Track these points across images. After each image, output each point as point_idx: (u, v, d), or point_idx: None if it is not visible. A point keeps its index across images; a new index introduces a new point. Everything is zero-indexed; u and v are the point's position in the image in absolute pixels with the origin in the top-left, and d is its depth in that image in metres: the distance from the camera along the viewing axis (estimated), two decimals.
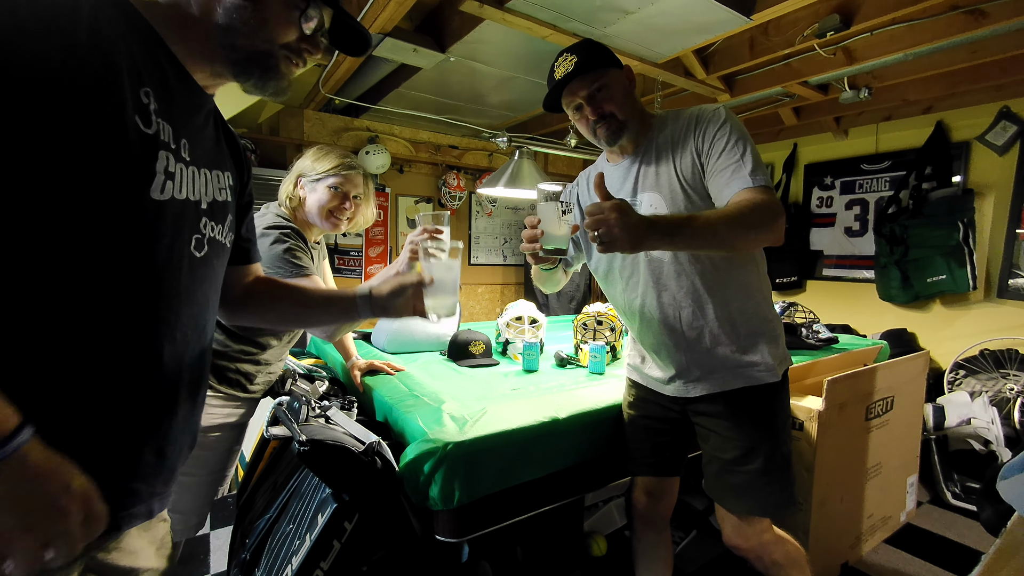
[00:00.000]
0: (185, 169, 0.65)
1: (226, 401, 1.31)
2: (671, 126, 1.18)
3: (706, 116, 1.12)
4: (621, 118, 1.17)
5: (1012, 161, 2.74)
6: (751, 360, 1.16)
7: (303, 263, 1.26)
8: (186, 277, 0.66)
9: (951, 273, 2.81)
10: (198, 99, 0.69)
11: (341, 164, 1.37)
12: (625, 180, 1.23)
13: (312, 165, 1.36)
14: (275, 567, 1.15)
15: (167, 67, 0.63)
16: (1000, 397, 2.56)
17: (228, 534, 1.98)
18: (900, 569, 1.90)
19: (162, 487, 0.68)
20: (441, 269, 0.96)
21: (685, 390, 1.23)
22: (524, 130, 3.70)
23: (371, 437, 1.15)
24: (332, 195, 1.35)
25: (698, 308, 1.16)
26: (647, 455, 1.33)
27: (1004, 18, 1.89)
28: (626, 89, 1.18)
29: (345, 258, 3.62)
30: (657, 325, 1.22)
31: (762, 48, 2.30)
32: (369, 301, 0.95)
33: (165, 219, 0.61)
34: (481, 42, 2.20)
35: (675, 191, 1.13)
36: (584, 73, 1.15)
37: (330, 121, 3.43)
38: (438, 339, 2.06)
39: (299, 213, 1.38)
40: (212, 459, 1.32)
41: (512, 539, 1.52)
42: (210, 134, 0.73)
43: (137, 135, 0.56)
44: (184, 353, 0.68)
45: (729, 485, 1.19)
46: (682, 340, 1.19)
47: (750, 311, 1.17)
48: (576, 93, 1.17)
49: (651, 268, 1.20)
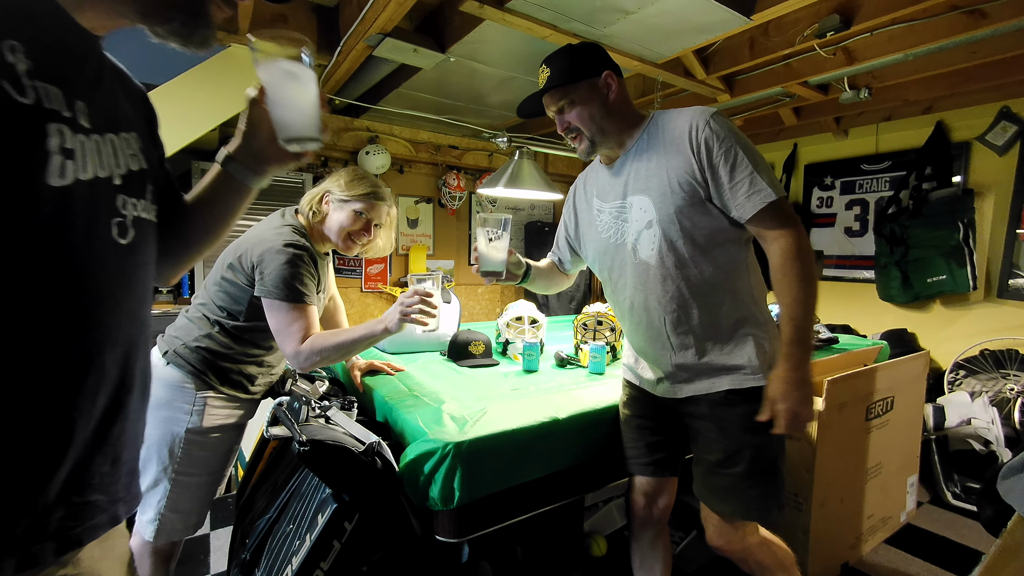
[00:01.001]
0: (87, 140, 0.53)
1: (227, 402, 1.31)
2: (663, 128, 1.16)
3: (701, 124, 1.09)
4: (589, 135, 1.19)
5: (1012, 161, 2.74)
6: (736, 363, 1.15)
7: (306, 291, 1.26)
8: (113, 270, 0.57)
9: (951, 273, 2.81)
10: (83, 44, 0.55)
11: (371, 192, 1.38)
12: (616, 183, 1.24)
13: (343, 186, 1.37)
14: (275, 567, 1.15)
15: (35, 4, 0.49)
16: (1000, 397, 2.56)
17: (228, 534, 1.98)
18: (900, 569, 1.90)
19: (124, 491, 0.64)
20: (278, 77, 0.73)
21: (673, 391, 1.23)
22: (524, 130, 3.70)
23: (371, 437, 1.15)
24: (355, 219, 1.36)
25: (683, 313, 1.16)
26: (642, 455, 1.33)
27: (1004, 18, 1.89)
28: (599, 100, 1.17)
29: (345, 258, 3.62)
30: (644, 327, 1.22)
31: (762, 48, 2.30)
32: (234, 161, 0.77)
33: (72, 208, 0.51)
34: (481, 42, 2.20)
35: (665, 193, 1.13)
36: (553, 88, 1.17)
37: (330, 121, 3.43)
38: (438, 339, 2.06)
39: (317, 226, 1.39)
40: (212, 460, 1.32)
41: (512, 539, 1.52)
42: (108, 87, 0.59)
43: (9, 108, 0.44)
44: (129, 353, 0.61)
45: (714, 487, 1.19)
46: (668, 343, 1.19)
47: (738, 315, 1.16)
48: (548, 107, 1.21)
49: (638, 272, 1.20)
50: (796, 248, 1.07)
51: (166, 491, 1.25)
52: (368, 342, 1.26)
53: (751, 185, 1.06)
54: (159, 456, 1.24)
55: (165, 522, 1.27)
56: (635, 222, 1.19)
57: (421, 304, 1.22)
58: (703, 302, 1.15)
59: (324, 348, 1.22)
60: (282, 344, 1.24)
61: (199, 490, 1.31)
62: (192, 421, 1.24)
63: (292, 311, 1.23)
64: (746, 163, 1.07)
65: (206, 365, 1.26)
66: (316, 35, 2.34)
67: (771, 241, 1.09)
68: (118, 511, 0.63)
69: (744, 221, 1.10)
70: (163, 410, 1.23)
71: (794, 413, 1.05)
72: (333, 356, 1.24)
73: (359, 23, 2.00)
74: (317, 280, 1.33)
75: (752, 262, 1.21)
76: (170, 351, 1.27)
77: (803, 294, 1.06)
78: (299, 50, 0.72)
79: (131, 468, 0.66)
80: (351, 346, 1.25)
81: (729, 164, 1.07)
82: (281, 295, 1.22)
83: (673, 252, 1.14)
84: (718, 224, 1.13)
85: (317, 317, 1.31)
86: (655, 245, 1.15)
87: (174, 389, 1.24)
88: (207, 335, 1.28)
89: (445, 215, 4.06)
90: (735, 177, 1.07)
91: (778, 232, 1.08)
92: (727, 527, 1.19)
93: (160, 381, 1.24)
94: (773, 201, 1.06)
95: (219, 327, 1.29)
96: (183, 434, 1.24)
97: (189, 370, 1.25)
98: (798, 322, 1.06)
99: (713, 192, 1.10)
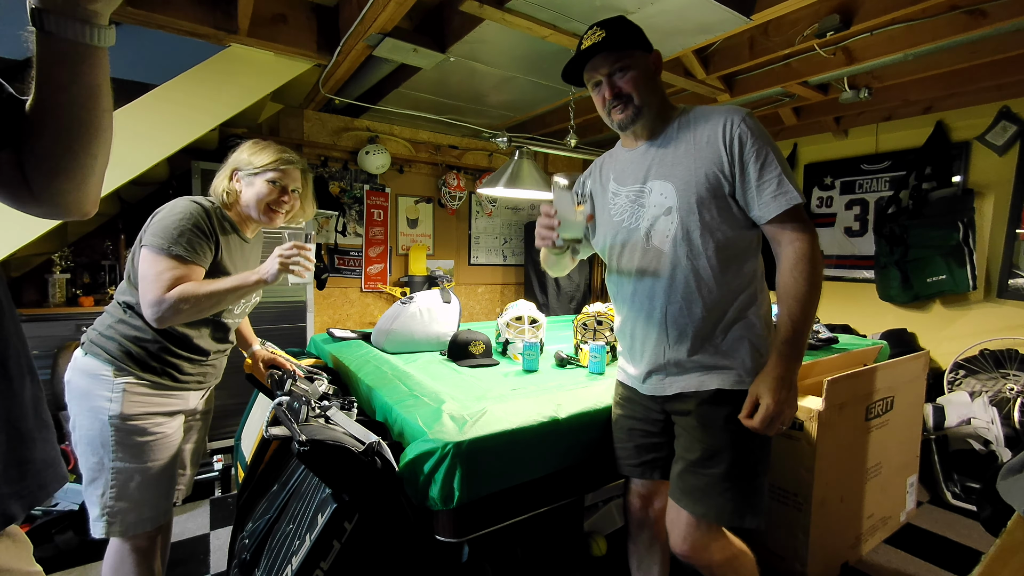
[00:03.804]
0: None
1: (153, 389, 1.26)
2: (695, 120, 1.16)
3: (736, 120, 1.09)
4: (638, 103, 1.15)
5: (1012, 161, 2.74)
6: (729, 364, 1.14)
7: (191, 248, 1.19)
8: None
9: (951, 273, 2.81)
10: None
11: (280, 159, 1.34)
12: (638, 166, 1.22)
13: (249, 159, 1.33)
14: (275, 567, 1.15)
15: None
16: (1000, 397, 2.56)
17: (228, 534, 1.98)
18: (900, 569, 1.90)
19: (6, 486, 0.60)
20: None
21: (661, 387, 1.21)
22: (524, 130, 3.70)
23: (371, 437, 1.15)
24: (271, 189, 1.33)
25: (686, 305, 1.15)
26: (631, 456, 1.31)
27: (1004, 18, 1.89)
28: (649, 74, 1.16)
29: (345, 258, 3.62)
30: (644, 316, 1.21)
31: (762, 48, 2.30)
32: (46, 13, 0.58)
33: None
34: (481, 42, 2.20)
35: (689, 183, 1.12)
36: (609, 50, 1.12)
37: (330, 121, 3.43)
38: (438, 339, 2.06)
39: (235, 207, 1.35)
40: (153, 448, 1.26)
41: (512, 539, 1.52)
42: None
43: None
44: None
45: (689, 486, 1.16)
46: (664, 335, 1.18)
47: (739, 316, 1.15)
48: (597, 69, 1.15)
49: (647, 258, 1.19)
50: (811, 253, 1.07)
51: (107, 483, 1.22)
52: (240, 292, 1.22)
53: (779, 186, 1.07)
54: (92, 448, 1.22)
55: (115, 514, 1.23)
56: (653, 207, 1.17)
57: (299, 255, 1.20)
58: (707, 297, 1.13)
59: (194, 295, 1.16)
60: (145, 293, 1.16)
61: (148, 478, 1.26)
62: (112, 408, 1.21)
63: (168, 260, 1.17)
64: (776, 164, 1.07)
65: (122, 351, 1.23)
66: (316, 35, 2.35)
67: (786, 244, 1.09)
68: (8, 508, 0.59)
69: (763, 221, 1.10)
70: (86, 400, 1.22)
71: (776, 411, 1.05)
72: (203, 304, 1.18)
73: (359, 23, 2.00)
74: (216, 248, 1.28)
75: (761, 267, 1.21)
76: (87, 342, 1.25)
77: (806, 295, 1.06)
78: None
79: (18, 459, 0.62)
80: (223, 295, 1.20)
81: (760, 163, 1.07)
82: (159, 244, 1.16)
83: (687, 242, 1.13)
84: (736, 222, 1.13)
85: (200, 280, 1.23)
86: (671, 233, 1.14)
87: (92, 378, 1.22)
88: (120, 320, 1.25)
89: (445, 215, 4.06)
90: (764, 176, 1.07)
91: (796, 235, 1.08)
92: (696, 532, 1.15)
93: (79, 371, 1.23)
94: (797, 205, 1.07)
95: (130, 310, 1.25)
96: (107, 421, 1.21)
97: (105, 358, 1.22)
98: (796, 322, 1.06)
99: (738, 188, 1.10)
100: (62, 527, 1.92)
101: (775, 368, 1.07)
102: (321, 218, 3.42)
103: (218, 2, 2.12)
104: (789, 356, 1.07)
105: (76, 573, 1.83)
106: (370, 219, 3.68)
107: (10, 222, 1.91)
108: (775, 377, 1.06)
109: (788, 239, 1.09)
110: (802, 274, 1.07)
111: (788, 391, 1.06)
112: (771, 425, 1.06)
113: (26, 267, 2.54)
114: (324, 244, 3.50)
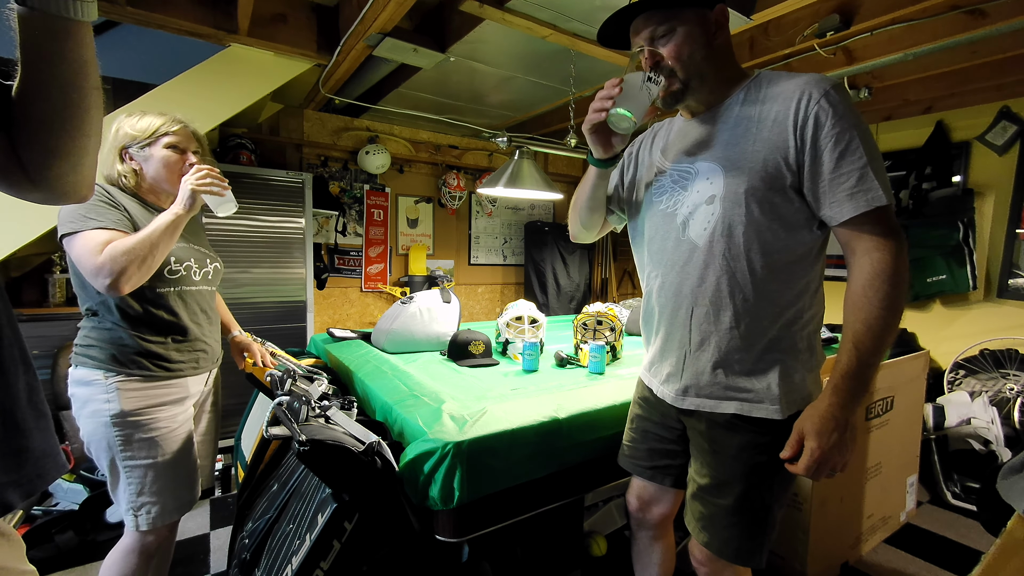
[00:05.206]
0: None
1: (146, 382, 1.27)
2: (765, 90, 0.95)
3: (816, 94, 0.89)
4: (683, 76, 0.96)
5: (1012, 161, 2.74)
6: (751, 387, 0.98)
7: (99, 217, 1.17)
8: None
9: (951, 273, 2.81)
10: None
11: (167, 118, 1.28)
12: (688, 140, 1.05)
13: (134, 133, 1.26)
14: (275, 567, 1.15)
15: None
16: (1000, 397, 2.56)
17: (228, 534, 1.98)
18: (900, 569, 1.90)
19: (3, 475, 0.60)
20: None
21: (678, 398, 1.08)
22: (524, 130, 3.70)
23: (371, 437, 1.15)
24: (173, 153, 1.28)
25: (714, 311, 0.99)
26: (642, 457, 1.25)
27: (1004, 18, 1.89)
28: (704, 38, 0.95)
29: (345, 258, 3.62)
30: (668, 314, 1.07)
31: (762, 48, 2.30)
32: None
33: None
34: (481, 42, 2.20)
35: (740, 168, 0.93)
36: (653, 9, 0.93)
37: (330, 121, 3.43)
38: (438, 339, 2.06)
39: (142, 186, 1.31)
40: (162, 440, 1.28)
41: (512, 539, 1.52)
42: None
43: None
44: None
45: (696, 512, 1.08)
46: (686, 338, 1.04)
47: (775, 336, 0.97)
48: (638, 32, 0.97)
49: (680, 251, 1.03)
50: (893, 269, 0.86)
51: (125, 481, 1.25)
52: (171, 228, 1.19)
53: (860, 181, 0.86)
54: (102, 451, 1.24)
55: (139, 508, 1.26)
56: (694, 192, 1.00)
57: (208, 174, 1.19)
58: (741, 306, 0.96)
59: (127, 246, 1.13)
60: (85, 270, 1.15)
61: (163, 471, 1.28)
62: (111, 408, 1.22)
63: (88, 233, 1.15)
64: (861, 152, 0.86)
65: (105, 354, 1.24)
66: (316, 35, 2.35)
67: (862, 254, 0.88)
68: (6, 496, 0.59)
69: (835, 223, 0.90)
70: (86, 407, 1.23)
71: (825, 457, 0.89)
72: (139, 252, 1.14)
73: (359, 23, 2.00)
74: (132, 219, 1.25)
75: (818, 280, 1.01)
76: (74, 355, 1.27)
77: (880, 323, 0.86)
78: None
79: (14, 448, 0.62)
80: (157, 238, 1.16)
81: (839, 149, 0.86)
82: (73, 227, 1.15)
83: (727, 239, 0.95)
84: (793, 222, 0.94)
85: None
86: (710, 225, 0.97)
87: (86, 385, 1.24)
88: (92, 328, 1.26)
89: (445, 215, 4.07)
90: (842, 166, 0.87)
91: (876, 244, 0.87)
92: (712, 561, 1.08)
93: (75, 383, 1.25)
94: (882, 207, 0.86)
95: (94, 315, 1.26)
96: (109, 422, 1.23)
97: (92, 364, 1.24)
98: (863, 353, 0.87)
99: (806, 179, 0.90)
100: (62, 527, 1.92)
101: (828, 405, 0.89)
102: (321, 218, 3.42)
103: (218, 2, 2.12)
104: (848, 392, 0.88)
105: (76, 573, 1.83)
106: (370, 219, 3.69)
107: (10, 222, 1.91)
108: (827, 417, 0.89)
109: (864, 248, 0.88)
110: (877, 294, 0.86)
111: (841, 434, 0.89)
112: (818, 472, 0.90)
113: (26, 267, 2.54)
114: (324, 244, 3.50)
